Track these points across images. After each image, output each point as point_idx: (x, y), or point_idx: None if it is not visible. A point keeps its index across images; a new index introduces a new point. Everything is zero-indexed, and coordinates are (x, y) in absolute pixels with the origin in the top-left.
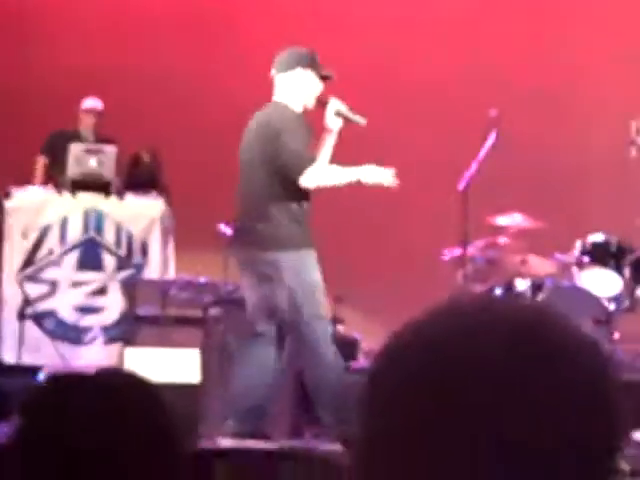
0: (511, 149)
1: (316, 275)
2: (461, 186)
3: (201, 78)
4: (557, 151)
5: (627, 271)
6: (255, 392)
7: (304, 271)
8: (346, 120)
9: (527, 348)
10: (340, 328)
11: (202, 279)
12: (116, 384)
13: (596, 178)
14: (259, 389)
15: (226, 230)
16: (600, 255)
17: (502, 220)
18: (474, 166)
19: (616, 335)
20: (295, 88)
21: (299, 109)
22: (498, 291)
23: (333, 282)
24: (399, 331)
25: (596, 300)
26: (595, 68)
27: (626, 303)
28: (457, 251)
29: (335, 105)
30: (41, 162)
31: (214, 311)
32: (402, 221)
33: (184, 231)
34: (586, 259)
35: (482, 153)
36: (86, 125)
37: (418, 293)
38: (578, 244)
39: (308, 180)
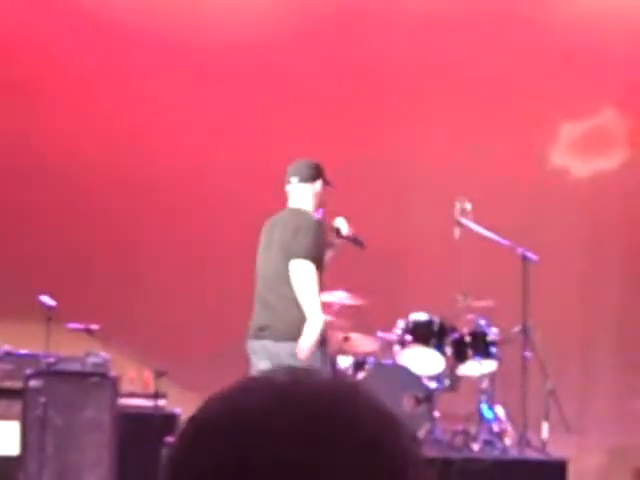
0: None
1: None
2: None
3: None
4: (381, 229)
5: (449, 350)
6: None
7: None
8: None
9: (323, 428)
10: (161, 402)
11: (23, 350)
12: None
13: (420, 257)
14: None
15: (48, 301)
16: (422, 334)
17: (325, 297)
18: None
19: (436, 413)
20: (315, 198)
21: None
22: None
23: (155, 356)
24: (204, 404)
25: (417, 378)
26: (421, 148)
27: (447, 382)
28: None
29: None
30: None
31: (35, 383)
32: (219, 299)
33: (5, 302)
34: (408, 338)
35: None
36: None
37: (238, 368)
38: (400, 323)
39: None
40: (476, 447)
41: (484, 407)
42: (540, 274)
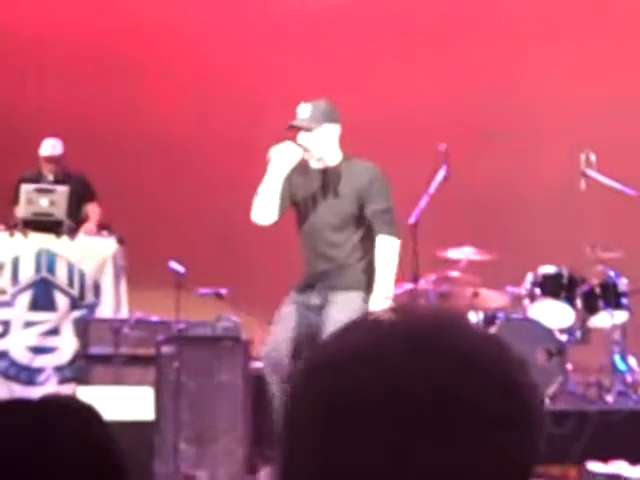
0: (461, 182)
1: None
2: (411, 220)
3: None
4: (507, 184)
5: (579, 302)
6: None
7: None
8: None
9: (434, 363)
10: None
11: (154, 317)
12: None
13: (546, 210)
14: None
15: (177, 267)
16: (551, 287)
17: (453, 253)
18: (424, 200)
19: (569, 366)
20: None
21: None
22: None
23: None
24: (315, 350)
25: (548, 332)
26: (544, 102)
27: (578, 334)
28: (409, 285)
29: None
30: None
31: (167, 349)
32: None
33: (136, 269)
34: (537, 291)
35: (432, 187)
36: (47, 169)
37: None
38: (529, 276)
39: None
40: (610, 399)
41: (617, 358)
42: None
